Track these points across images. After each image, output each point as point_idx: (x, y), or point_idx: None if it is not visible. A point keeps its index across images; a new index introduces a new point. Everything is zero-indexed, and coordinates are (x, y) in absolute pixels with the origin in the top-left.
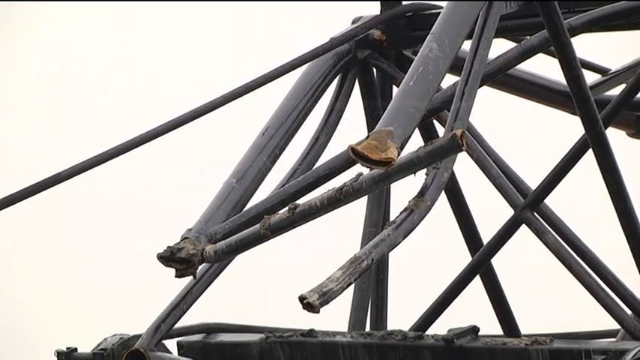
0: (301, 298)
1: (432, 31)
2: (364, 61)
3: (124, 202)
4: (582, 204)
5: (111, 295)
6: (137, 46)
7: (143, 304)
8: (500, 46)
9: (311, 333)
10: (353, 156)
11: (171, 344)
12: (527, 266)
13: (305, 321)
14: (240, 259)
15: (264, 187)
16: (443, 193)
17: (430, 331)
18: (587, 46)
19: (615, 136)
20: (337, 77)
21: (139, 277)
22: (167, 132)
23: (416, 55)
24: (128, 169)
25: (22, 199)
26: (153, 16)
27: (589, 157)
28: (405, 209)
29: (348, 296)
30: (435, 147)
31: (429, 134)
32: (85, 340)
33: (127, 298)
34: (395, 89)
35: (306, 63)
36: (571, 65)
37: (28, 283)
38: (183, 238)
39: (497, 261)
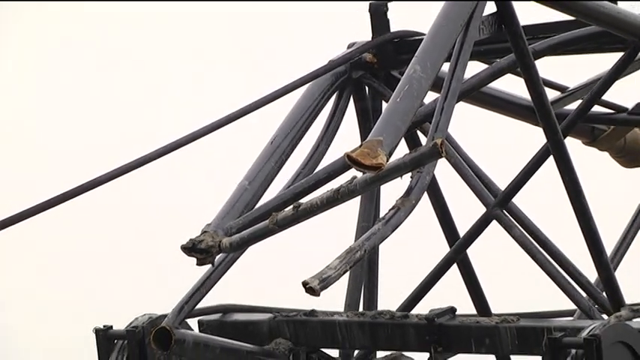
0: (304, 283)
1: (416, 55)
2: (358, 80)
3: (155, 204)
4: (545, 202)
5: (141, 280)
6: (143, 66)
7: (169, 288)
8: (474, 68)
9: (312, 313)
10: (348, 161)
11: (192, 323)
12: (497, 256)
13: (307, 302)
14: (251, 249)
15: (272, 188)
16: (425, 193)
17: (414, 311)
18: (549, 66)
19: (573, 145)
20: (335, 94)
21: (166, 265)
22: (188, 143)
23: (402, 76)
24: (161, 173)
25: (71, 198)
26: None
27: (550, 162)
28: (393, 207)
29: (344, 281)
30: (419, 154)
31: (413, 143)
32: (119, 319)
33: (154, 282)
34: (384, 104)
35: (308, 82)
36: (535, 84)
37: (75, 270)
38: (203, 232)
39: (471, 251)
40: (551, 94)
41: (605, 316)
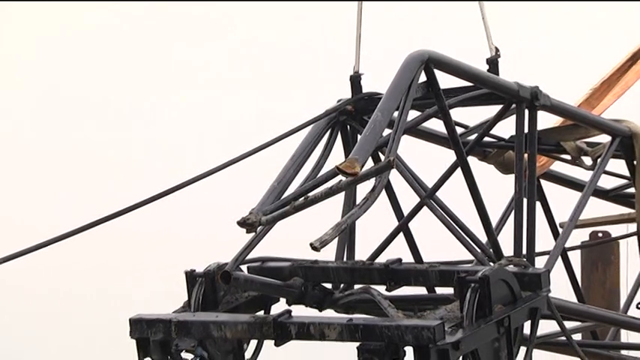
0: (310, 244)
1: (378, 106)
2: (343, 122)
3: (214, 207)
4: (456, 195)
5: (210, 242)
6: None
7: (229, 247)
8: (413, 114)
9: (316, 262)
10: (337, 171)
11: (243, 268)
12: (427, 228)
13: (312, 255)
14: (279, 224)
15: (292, 187)
16: (383, 189)
17: (377, 260)
18: (459, 113)
19: (472, 160)
20: (329, 131)
21: (228, 234)
22: (230, 165)
23: (369, 119)
24: (230, 180)
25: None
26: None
27: (459, 171)
28: (364, 198)
29: (334, 243)
30: (379, 166)
31: (376, 160)
32: (200, 266)
33: (219, 243)
34: (359, 137)
35: (312, 123)
36: (449, 124)
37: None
38: (250, 213)
39: (411, 225)
40: (459, 130)
41: (491, 264)
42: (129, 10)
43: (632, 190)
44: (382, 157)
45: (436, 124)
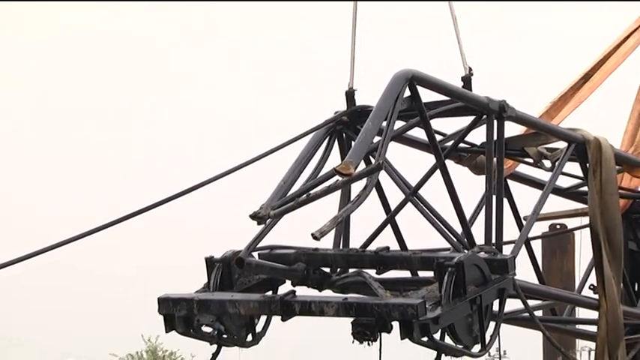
0: (311, 233)
1: (369, 117)
2: (340, 130)
3: (243, 200)
4: (436, 192)
5: (226, 232)
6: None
7: (242, 236)
8: (398, 124)
9: (316, 249)
10: (334, 172)
11: (254, 254)
12: (410, 221)
13: (313, 244)
14: (285, 218)
15: (296, 186)
16: (374, 187)
17: (368, 248)
18: (438, 122)
19: (449, 163)
20: (327, 138)
21: (242, 224)
22: (236, 170)
23: (362, 128)
24: (250, 178)
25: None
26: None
27: (438, 172)
28: (358, 195)
29: (332, 233)
30: (370, 168)
31: (367, 163)
32: (218, 252)
33: (234, 233)
34: (353, 143)
35: (313, 132)
36: (430, 132)
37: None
38: (260, 207)
39: (397, 218)
40: (438, 137)
41: (466, 251)
42: (129, 11)
43: (585, 188)
44: (373, 161)
45: (418, 133)
